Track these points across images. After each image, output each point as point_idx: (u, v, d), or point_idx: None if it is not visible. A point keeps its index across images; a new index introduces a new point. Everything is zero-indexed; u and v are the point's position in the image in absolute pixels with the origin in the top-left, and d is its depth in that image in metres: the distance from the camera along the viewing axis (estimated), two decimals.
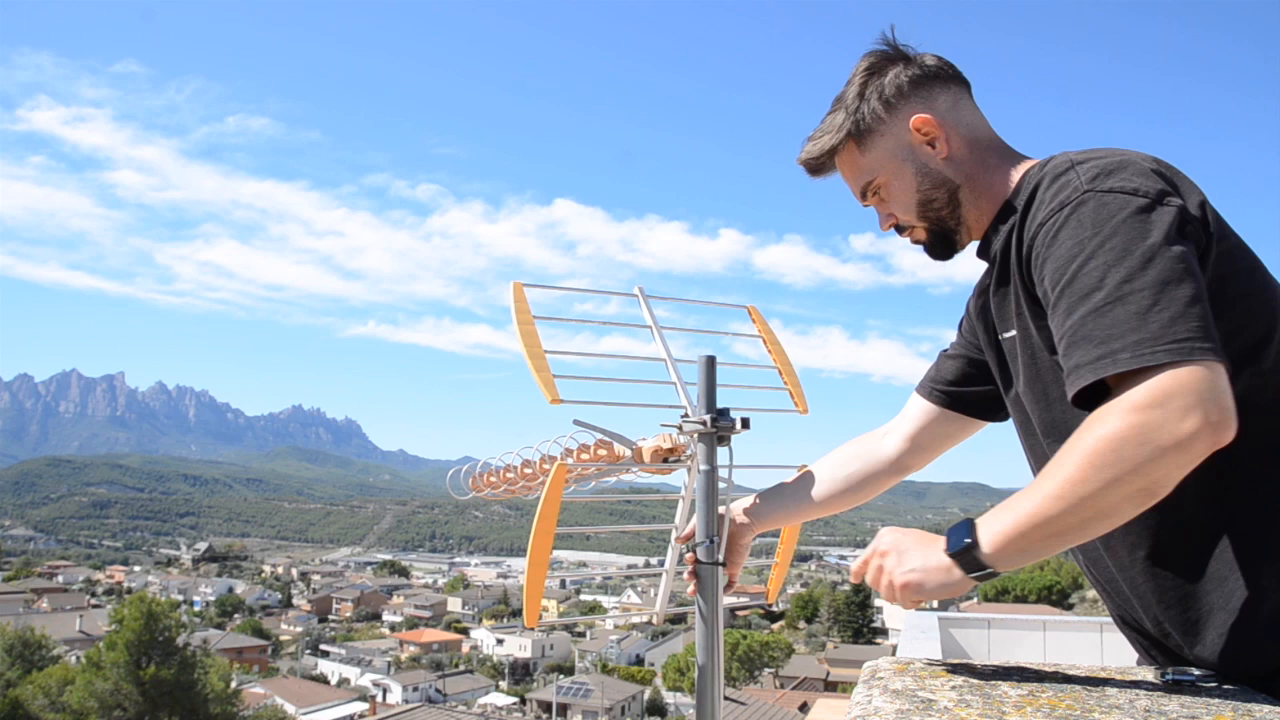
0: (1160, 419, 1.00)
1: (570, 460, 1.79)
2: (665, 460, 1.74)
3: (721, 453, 1.69)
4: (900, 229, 1.48)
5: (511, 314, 1.69)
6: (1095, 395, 1.08)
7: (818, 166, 1.49)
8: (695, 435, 1.69)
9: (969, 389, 1.58)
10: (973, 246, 1.45)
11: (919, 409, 1.64)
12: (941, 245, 1.46)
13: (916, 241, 1.48)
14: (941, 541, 1.17)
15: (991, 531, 1.11)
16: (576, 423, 1.69)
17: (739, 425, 1.68)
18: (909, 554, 1.20)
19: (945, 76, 1.43)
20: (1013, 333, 1.37)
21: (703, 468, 1.68)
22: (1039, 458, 1.39)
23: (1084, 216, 1.12)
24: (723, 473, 1.69)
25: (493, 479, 1.96)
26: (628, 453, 1.77)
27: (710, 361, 1.70)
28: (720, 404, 1.69)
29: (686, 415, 1.70)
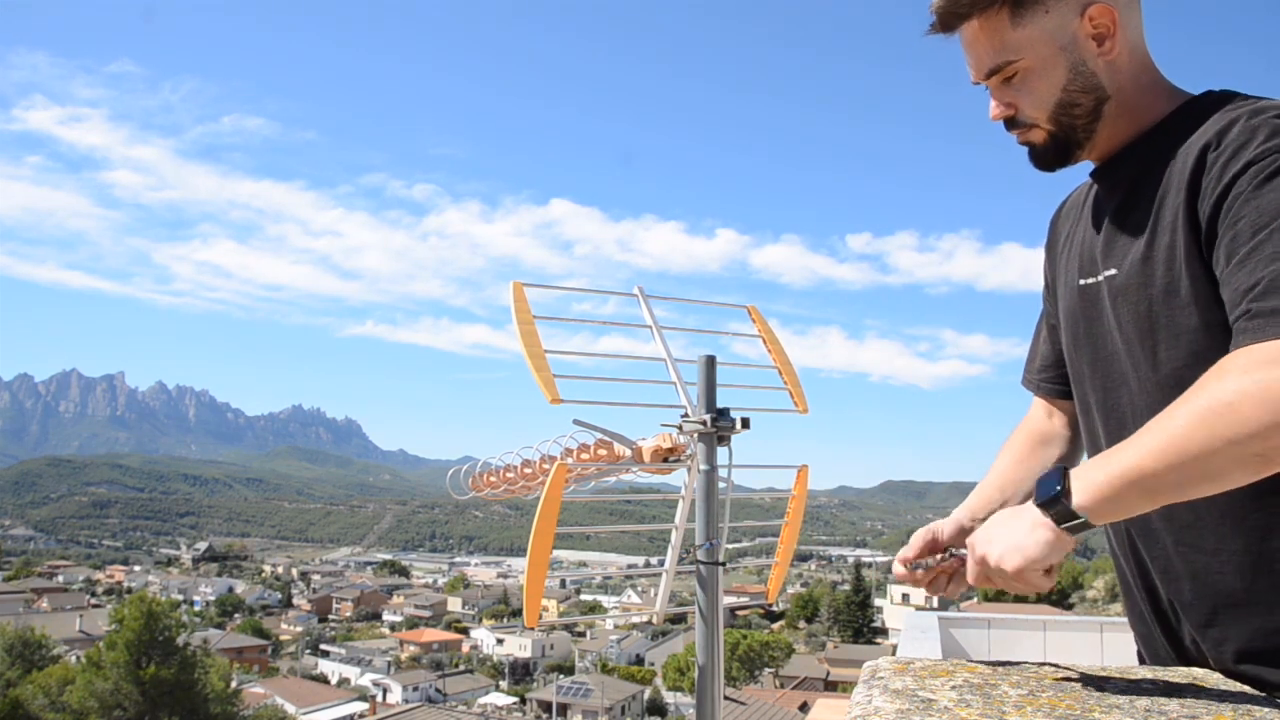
0: None
1: (570, 460, 1.79)
2: (665, 460, 1.73)
3: (721, 452, 1.69)
4: (1014, 123, 1.27)
5: (511, 314, 1.69)
6: None
7: (951, 20, 1.23)
8: (695, 435, 1.69)
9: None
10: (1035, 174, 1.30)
11: (1042, 403, 1.53)
12: (1057, 154, 1.27)
13: (1028, 142, 1.28)
14: (1029, 503, 1.08)
15: (1085, 481, 1.02)
16: (576, 422, 1.69)
17: (739, 425, 1.68)
18: (997, 531, 1.10)
19: None
20: (1114, 272, 1.23)
21: (703, 468, 1.68)
22: (1116, 426, 1.26)
23: None
24: (723, 473, 1.69)
25: (493, 479, 1.96)
26: (628, 453, 1.77)
27: (710, 361, 1.70)
28: (720, 404, 1.69)
29: (686, 415, 1.70)
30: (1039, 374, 1.55)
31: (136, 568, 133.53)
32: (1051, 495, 1.04)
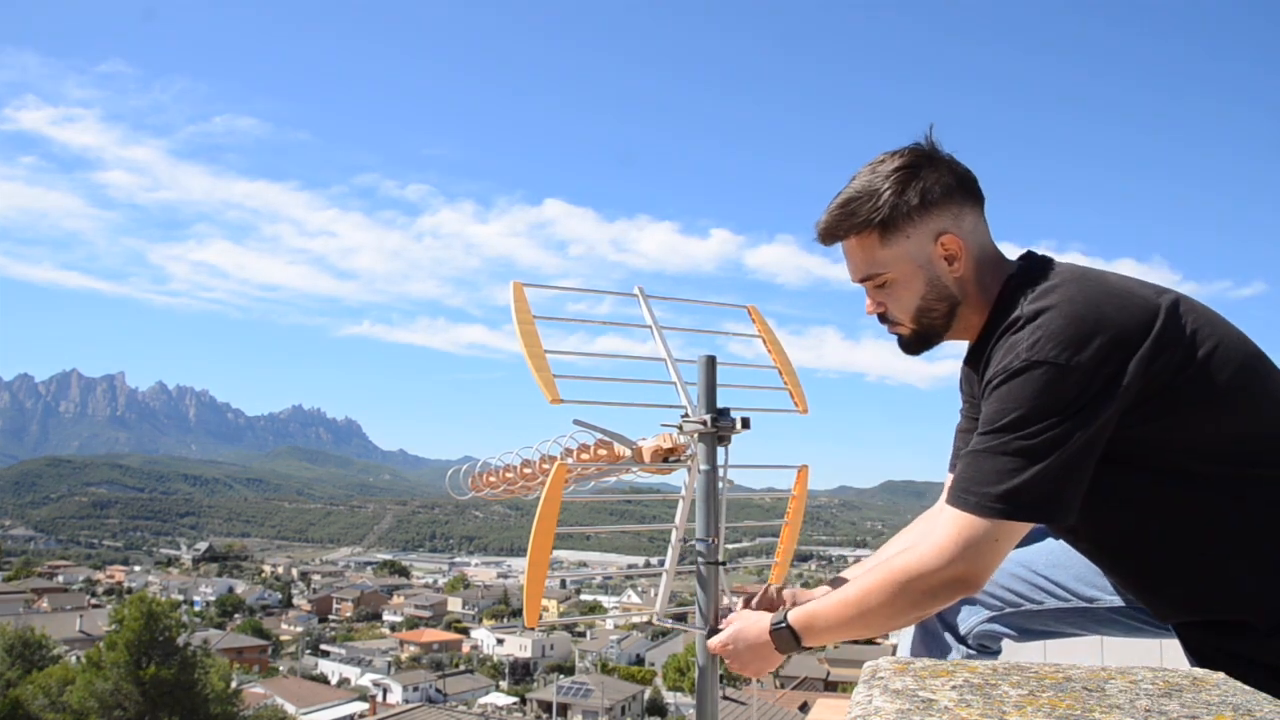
0: (934, 564, 1.31)
1: (570, 460, 1.79)
2: (665, 460, 1.74)
3: (721, 453, 1.69)
4: (884, 318, 1.51)
5: (511, 314, 1.69)
6: None
7: (834, 238, 1.50)
8: (695, 435, 1.69)
9: None
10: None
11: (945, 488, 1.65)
12: (919, 345, 1.52)
13: (896, 333, 1.52)
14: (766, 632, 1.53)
15: (799, 613, 1.49)
16: (576, 422, 1.69)
17: (739, 425, 1.68)
18: (741, 634, 1.56)
19: (974, 193, 1.46)
20: None
21: (703, 468, 1.68)
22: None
23: (1013, 389, 1.28)
24: (722, 473, 1.69)
25: (492, 479, 1.96)
26: (628, 453, 1.77)
27: (710, 361, 1.71)
28: (720, 404, 1.69)
29: (686, 415, 1.70)
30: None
31: (136, 568, 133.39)
32: (780, 623, 1.51)
